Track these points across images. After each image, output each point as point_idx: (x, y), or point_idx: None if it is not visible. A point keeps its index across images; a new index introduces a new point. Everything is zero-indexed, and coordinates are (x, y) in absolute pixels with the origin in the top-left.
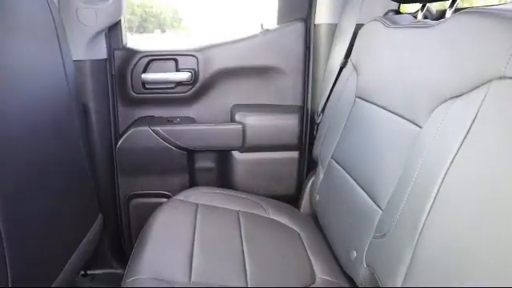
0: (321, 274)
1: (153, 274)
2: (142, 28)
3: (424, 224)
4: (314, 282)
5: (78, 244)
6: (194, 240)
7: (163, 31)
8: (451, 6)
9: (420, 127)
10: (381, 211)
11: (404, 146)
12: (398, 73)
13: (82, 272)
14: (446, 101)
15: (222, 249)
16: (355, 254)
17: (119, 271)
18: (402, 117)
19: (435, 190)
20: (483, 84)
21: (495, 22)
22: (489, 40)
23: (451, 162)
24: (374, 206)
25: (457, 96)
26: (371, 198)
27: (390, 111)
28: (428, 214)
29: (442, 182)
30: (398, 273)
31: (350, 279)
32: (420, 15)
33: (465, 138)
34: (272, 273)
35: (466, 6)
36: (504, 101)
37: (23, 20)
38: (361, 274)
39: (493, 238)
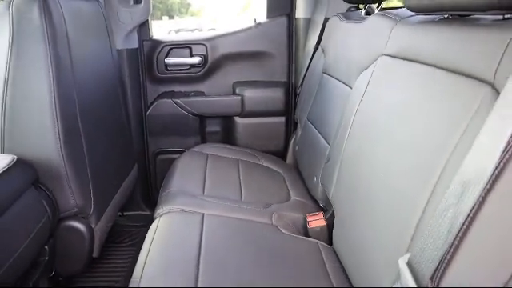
0: (294, 196)
1: (179, 188)
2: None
3: (344, 148)
4: (288, 201)
5: (119, 186)
6: (205, 175)
7: (171, 17)
8: (378, 6)
9: (351, 88)
10: (329, 146)
11: (343, 102)
12: (344, 54)
13: (120, 213)
14: (362, 71)
15: (225, 180)
16: (315, 179)
17: (148, 213)
18: (344, 83)
19: (349, 126)
20: (375, 60)
21: (385, 20)
22: (380, 31)
23: (357, 108)
24: (327, 144)
25: (365, 68)
26: (326, 140)
27: (338, 80)
28: (346, 142)
29: (352, 121)
30: (333, 181)
31: (313, 199)
32: (363, 12)
33: (364, 93)
34: (259, 194)
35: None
36: (383, 70)
37: (88, 22)
38: (319, 191)
39: (381, 154)
